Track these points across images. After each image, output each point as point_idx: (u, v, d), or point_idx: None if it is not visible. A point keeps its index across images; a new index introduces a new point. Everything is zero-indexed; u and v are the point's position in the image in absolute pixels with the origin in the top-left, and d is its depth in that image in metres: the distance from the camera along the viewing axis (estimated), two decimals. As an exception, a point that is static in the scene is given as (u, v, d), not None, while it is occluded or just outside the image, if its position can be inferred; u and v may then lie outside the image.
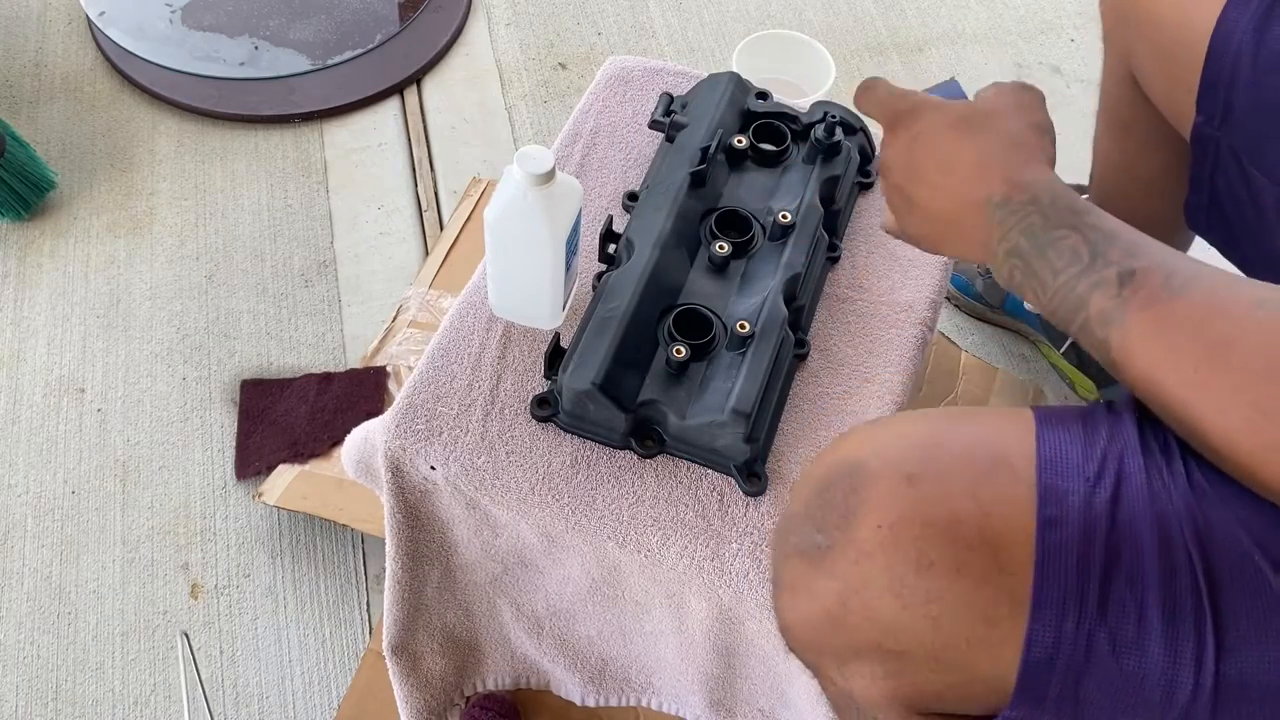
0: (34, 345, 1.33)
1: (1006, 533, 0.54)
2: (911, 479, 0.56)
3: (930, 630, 0.55)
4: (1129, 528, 0.54)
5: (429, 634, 0.97)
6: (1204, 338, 0.53)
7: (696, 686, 0.91)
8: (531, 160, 0.76)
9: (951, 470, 0.56)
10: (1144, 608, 0.53)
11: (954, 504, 0.55)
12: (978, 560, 0.54)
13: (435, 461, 0.82)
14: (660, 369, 0.83)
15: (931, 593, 0.55)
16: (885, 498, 0.56)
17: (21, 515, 1.21)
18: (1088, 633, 0.53)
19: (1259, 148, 0.82)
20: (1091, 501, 0.54)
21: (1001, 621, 0.54)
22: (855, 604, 0.57)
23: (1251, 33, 0.80)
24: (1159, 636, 0.53)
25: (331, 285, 1.40)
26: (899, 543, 0.55)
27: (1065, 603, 0.53)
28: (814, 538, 0.59)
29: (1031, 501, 0.54)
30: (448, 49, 1.66)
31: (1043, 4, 1.78)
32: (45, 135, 1.52)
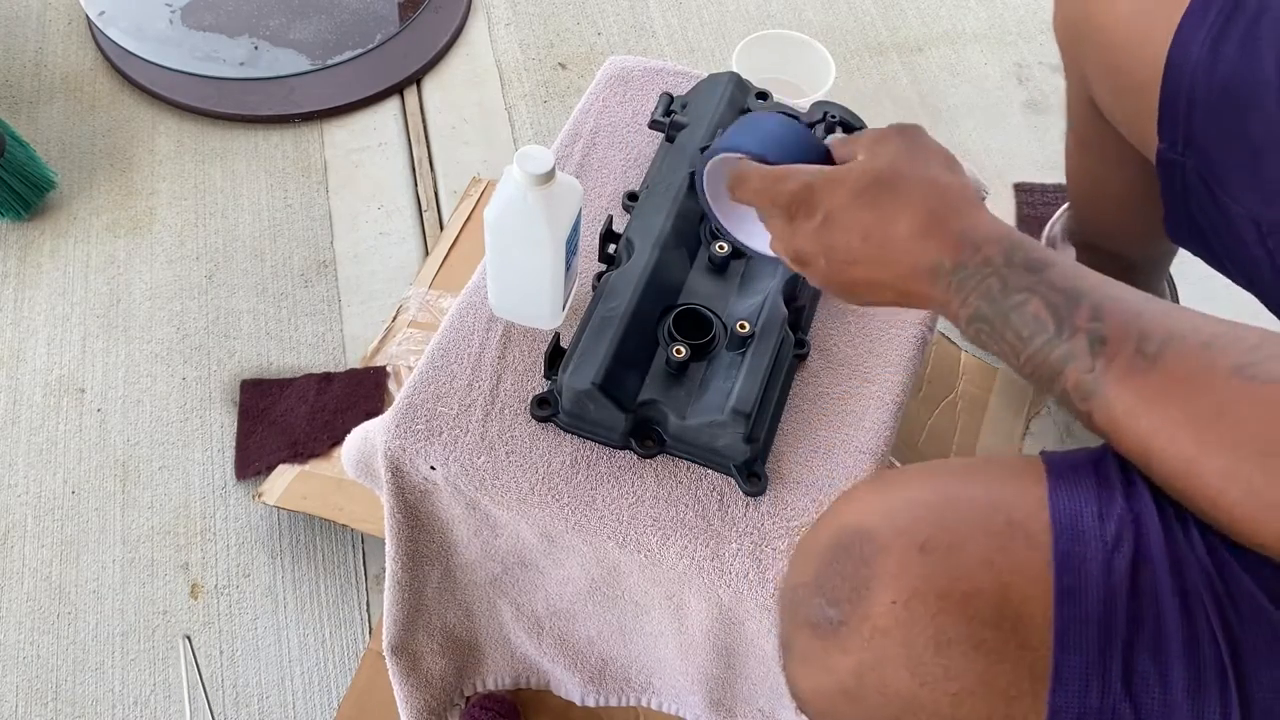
0: (34, 345, 1.33)
1: (1025, 605, 0.53)
2: (924, 549, 0.55)
3: (950, 708, 0.54)
4: (1151, 595, 0.52)
5: (429, 634, 0.97)
6: (1190, 412, 0.52)
7: (696, 686, 0.91)
8: (531, 160, 0.76)
9: (965, 539, 0.55)
10: (1168, 680, 0.51)
11: (970, 576, 0.53)
12: (997, 636, 0.53)
13: (435, 461, 0.82)
14: (660, 369, 0.83)
15: (950, 671, 0.53)
16: (898, 570, 0.55)
17: (21, 515, 1.21)
18: (1112, 707, 0.52)
19: (1222, 173, 0.80)
20: (1111, 568, 0.53)
21: (1023, 697, 0.53)
22: (872, 680, 0.56)
23: (1206, 53, 0.78)
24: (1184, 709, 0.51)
25: (331, 285, 1.40)
26: (915, 619, 0.54)
27: (1088, 676, 0.52)
28: (825, 611, 0.58)
29: (1048, 570, 0.53)
30: (448, 49, 1.66)
31: (1043, 4, 1.78)
32: (45, 135, 1.52)
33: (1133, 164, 0.95)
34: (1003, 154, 1.58)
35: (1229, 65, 0.77)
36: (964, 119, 1.62)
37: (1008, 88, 1.66)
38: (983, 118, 1.62)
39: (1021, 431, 1.29)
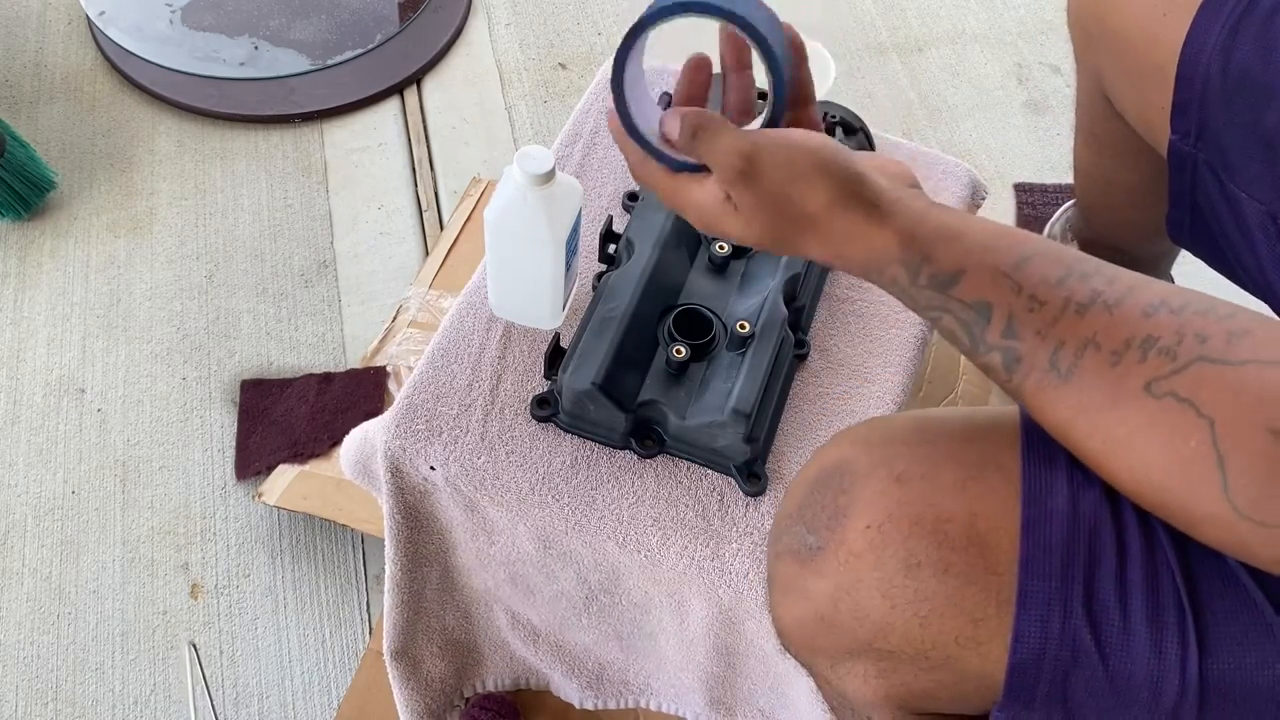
0: (34, 345, 1.33)
1: (993, 532, 0.54)
2: (900, 478, 0.57)
3: (919, 629, 0.56)
4: (1114, 528, 0.54)
5: (429, 637, 0.97)
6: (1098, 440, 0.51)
7: (696, 686, 0.91)
8: (531, 160, 0.76)
9: (939, 469, 0.56)
10: (1128, 608, 0.53)
11: (941, 503, 0.55)
12: (965, 560, 0.55)
13: (435, 462, 0.82)
14: (660, 369, 0.83)
15: (920, 593, 0.55)
16: (874, 498, 0.57)
17: (21, 515, 1.21)
18: (1073, 631, 0.53)
19: (1235, 164, 0.81)
20: (1077, 504, 0.55)
21: (989, 620, 0.55)
22: (846, 604, 0.58)
23: (1220, 47, 0.79)
24: (1144, 636, 0.53)
25: (331, 285, 1.40)
26: (887, 543, 0.56)
27: (1050, 602, 0.53)
28: (805, 538, 0.60)
29: (1018, 501, 0.55)
30: (448, 49, 1.66)
31: (1043, 4, 1.78)
32: (45, 135, 1.52)
33: (1142, 158, 0.96)
34: (1003, 154, 1.57)
35: (1244, 59, 0.78)
36: (964, 119, 1.62)
37: (1008, 88, 1.66)
38: (983, 118, 1.62)
39: (1021, 431, 1.29)
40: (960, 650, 0.56)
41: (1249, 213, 0.81)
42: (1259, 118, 0.78)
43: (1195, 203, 0.87)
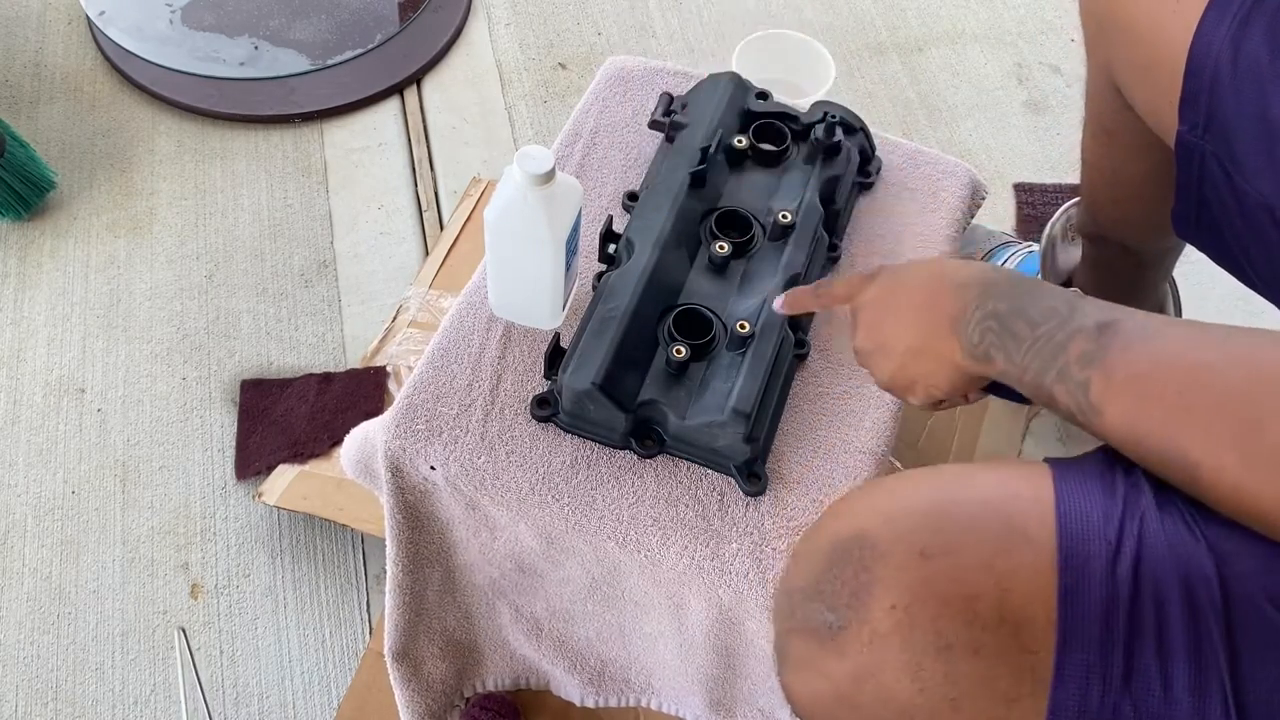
0: (34, 345, 1.33)
1: (1026, 608, 0.52)
2: (924, 554, 0.54)
3: (949, 713, 0.54)
4: (1154, 595, 0.52)
5: (430, 638, 0.97)
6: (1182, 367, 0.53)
7: (696, 687, 0.91)
8: (531, 160, 0.76)
9: (966, 543, 0.54)
10: (1169, 677, 0.51)
11: (970, 580, 0.53)
12: (997, 640, 0.52)
13: (435, 461, 0.82)
14: (660, 369, 0.83)
15: (950, 676, 0.53)
16: (898, 575, 0.54)
17: (21, 515, 1.21)
18: (1113, 705, 0.51)
19: (1242, 157, 0.81)
20: (1115, 568, 0.53)
21: (1023, 700, 0.52)
22: (870, 687, 0.55)
23: (1229, 41, 0.80)
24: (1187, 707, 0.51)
25: (331, 285, 1.40)
26: (915, 624, 0.53)
27: (1089, 675, 0.52)
28: (823, 616, 0.57)
29: (1051, 572, 0.53)
30: (448, 49, 1.66)
31: (1043, 4, 1.78)
32: (45, 135, 1.52)
33: (1151, 151, 0.96)
34: (1003, 154, 1.57)
35: (1253, 51, 0.79)
36: (964, 119, 1.62)
37: (1008, 88, 1.66)
38: (983, 118, 1.62)
39: (1021, 432, 1.29)
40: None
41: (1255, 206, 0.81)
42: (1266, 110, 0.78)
43: (1202, 196, 0.88)
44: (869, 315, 0.71)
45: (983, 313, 0.63)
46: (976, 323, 0.63)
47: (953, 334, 0.64)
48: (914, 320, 0.67)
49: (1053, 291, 0.61)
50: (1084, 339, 0.57)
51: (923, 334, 0.66)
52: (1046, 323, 0.59)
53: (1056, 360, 0.58)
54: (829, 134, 0.94)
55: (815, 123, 0.95)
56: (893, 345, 0.69)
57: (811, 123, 0.96)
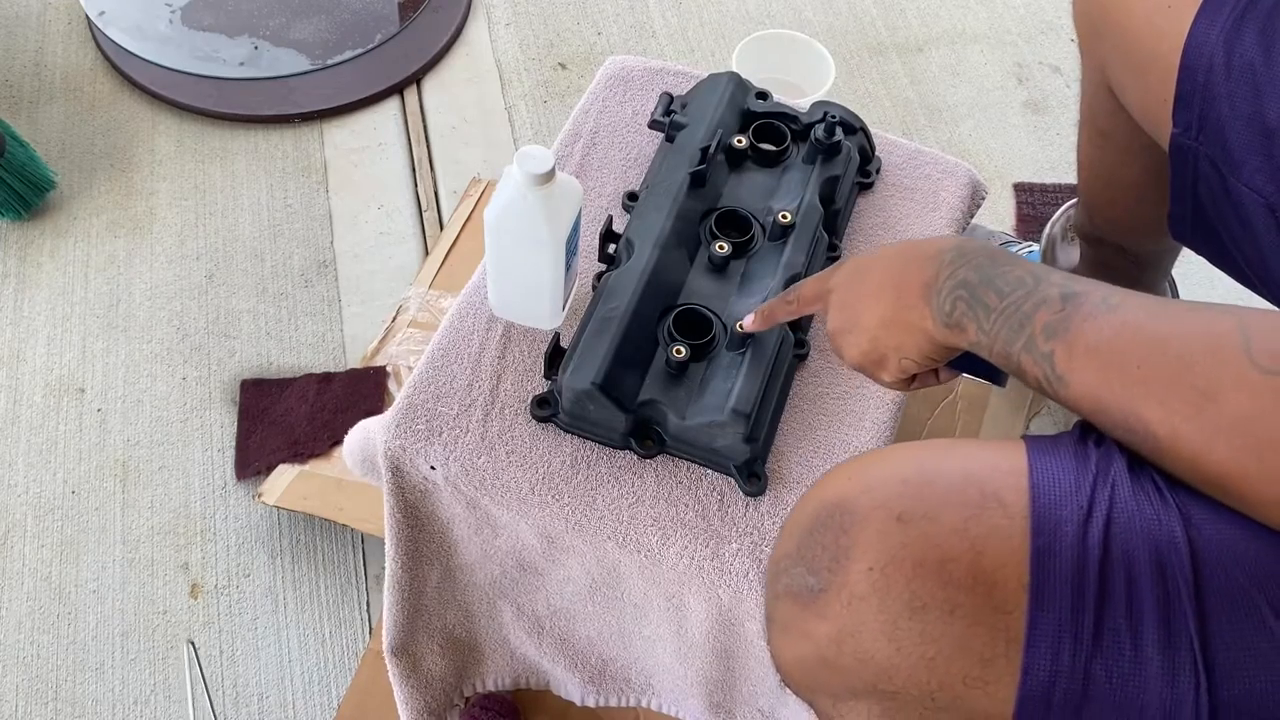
0: (34, 345, 1.33)
1: (999, 570, 0.54)
2: (901, 519, 0.56)
3: (925, 672, 0.55)
4: (1124, 558, 0.53)
5: (429, 635, 0.97)
6: (1142, 339, 0.54)
7: (696, 688, 0.91)
8: (531, 160, 0.76)
9: (941, 508, 0.56)
10: (1140, 638, 0.52)
11: (945, 543, 0.55)
12: (971, 600, 0.54)
13: (435, 461, 0.82)
14: (660, 369, 0.83)
15: (926, 635, 0.54)
16: (875, 539, 0.56)
17: (21, 515, 1.21)
18: (1084, 664, 0.52)
19: (1236, 158, 0.82)
20: (1086, 532, 0.54)
21: (997, 660, 0.54)
22: (849, 646, 0.57)
23: (1222, 43, 0.80)
24: (1156, 667, 0.52)
25: (331, 285, 1.40)
26: (891, 585, 0.55)
27: (1060, 635, 0.53)
28: (805, 579, 0.59)
29: (1024, 536, 0.54)
30: (448, 49, 1.66)
31: (1043, 4, 1.78)
32: (45, 135, 1.52)
33: (1146, 153, 0.96)
34: (1003, 154, 1.58)
35: (1247, 52, 0.79)
36: (964, 119, 1.62)
37: (1008, 88, 1.66)
38: (983, 118, 1.62)
39: (1021, 431, 1.29)
40: (968, 691, 0.55)
41: (1250, 206, 0.81)
42: (1260, 111, 0.78)
43: (1197, 197, 0.88)
44: (840, 297, 0.72)
45: (954, 281, 0.63)
46: (948, 291, 0.64)
47: (925, 302, 0.65)
48: (886, 292, 0.68)
49: (1022, 262, 0.62)
50: (1049, 310, 0.58)
51: (894, 305, 0.67)
52: (1014, 293, 0.60)
53: (1023, 331, 0.59)
54: (829, 134, 0.94)
55: (815, 123, 0.95)
56: (864, 320, 0.69)
57: (811, 123, 0.96)
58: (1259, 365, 0.50)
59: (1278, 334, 0.50)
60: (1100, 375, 0.56)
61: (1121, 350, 0.55)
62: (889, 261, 0.69)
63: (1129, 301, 0.56)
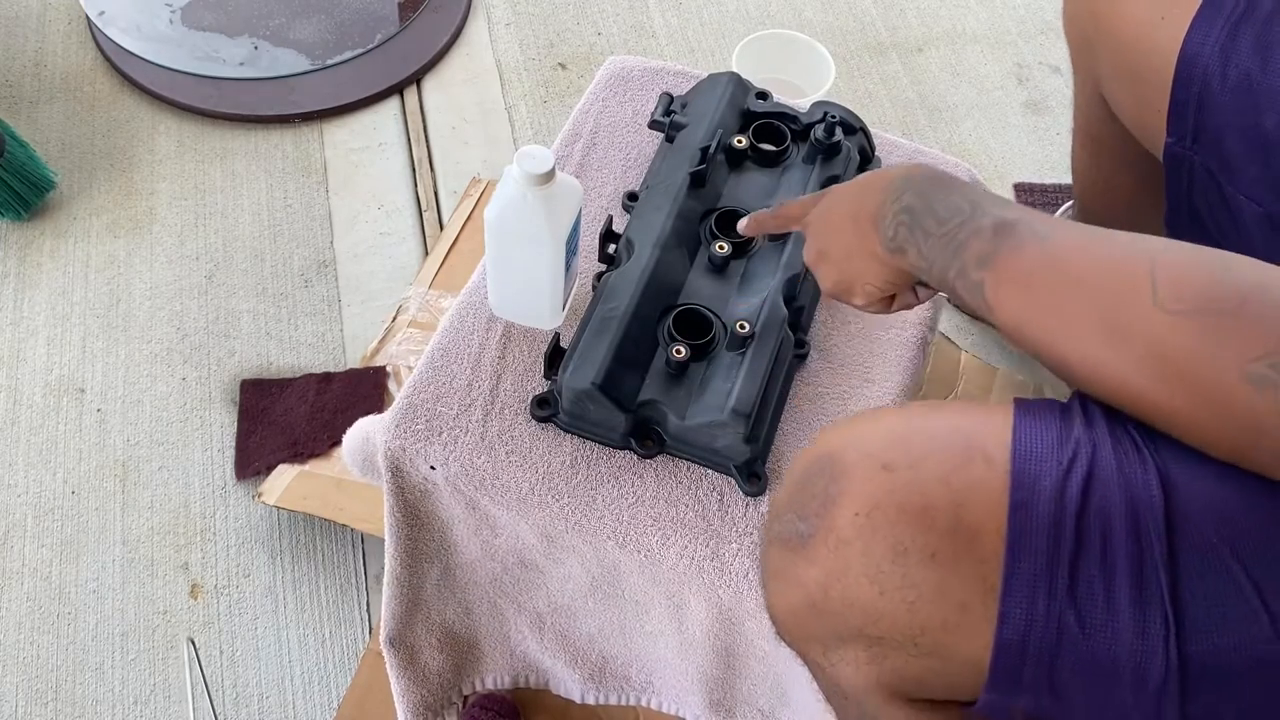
0: (34, 345, 1.33)
1: (979, 519, 0.56)
2: (887, 467, 0.58)
3: (907, 615, 0.57)
4: (1100, 512, 0.55)
5: (427, 628, 0.97)
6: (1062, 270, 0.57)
7: (696, 687, 0.91)
8: (531, 160, 0.76)
9: (926, 458, 0.58)
10: (1112, 589, 0.54)
11: (928, 492, 0.57)
12: (951, 546, 0.56)
13: (435, 461, 0.82)
14: (660, 369, 0.83)
15: (907, 579, 0.56)
16: (862, 486, 0.58)
17: (21, 515, 1.21)
18: (1058, 614, 0.54)
19: (1233, 166, 0.82)
20: (1064, 487, 0.56)
21: (975, 606, 0.56)
22: (835, 590, 0.59)
23: (1218, 51, 0.80)
24: (1128, 618, 0.54)
25: (331, 285, 1.40)
26: (875, 530, 0.57)
27: (1036, 584, 0.55)
28: (796, 526, 0.61)
29: (1004, 488, 0.56)
30: (448, 49, 1.66)
31: (1043, 4, 1.78)
32: (45, 135, 1.52)
33: (1140, 162, 0.96)
34: (1003, 154, 1.58)
35: (1242, 64, 0.79)
36: (964, 119, 1.62)
37: (1008, 88, 1.66)
38: (983, 118, 1.62)
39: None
40: (948, 636, 0.57)
41: (1247, 215, 0.81)
42: (1258, 120, 0.78)
43: (1193, 206, 0.88)
44: (815, 228, 0.75)
45: (898, 207, 0.66)
46: (892, 217, 0.67)
47: (875, 230, 0.68)
48: (846, 223, 0.71)
49: (964, 188, 0.64)
50: (981, 239, 0.60)
51: (853, 235, 0.70)
52: (951, 220, 0.62)
53: (958, 258, 0.62)
54: (829, 134, 0.94)
55: (815, 123, 0.95)
56: (833, 251, 0.73)
57: (811, 123, 0.96)
58: (1164, 306, 0.52)
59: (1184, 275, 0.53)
60: (1023, 307, 0.58)
61: (1042, 284, 0.57)
62: (850, 193, 0.72)
63: (1056, 234, 0.58)
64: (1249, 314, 0.51)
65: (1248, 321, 0.51)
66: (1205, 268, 0.53)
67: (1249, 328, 0.51)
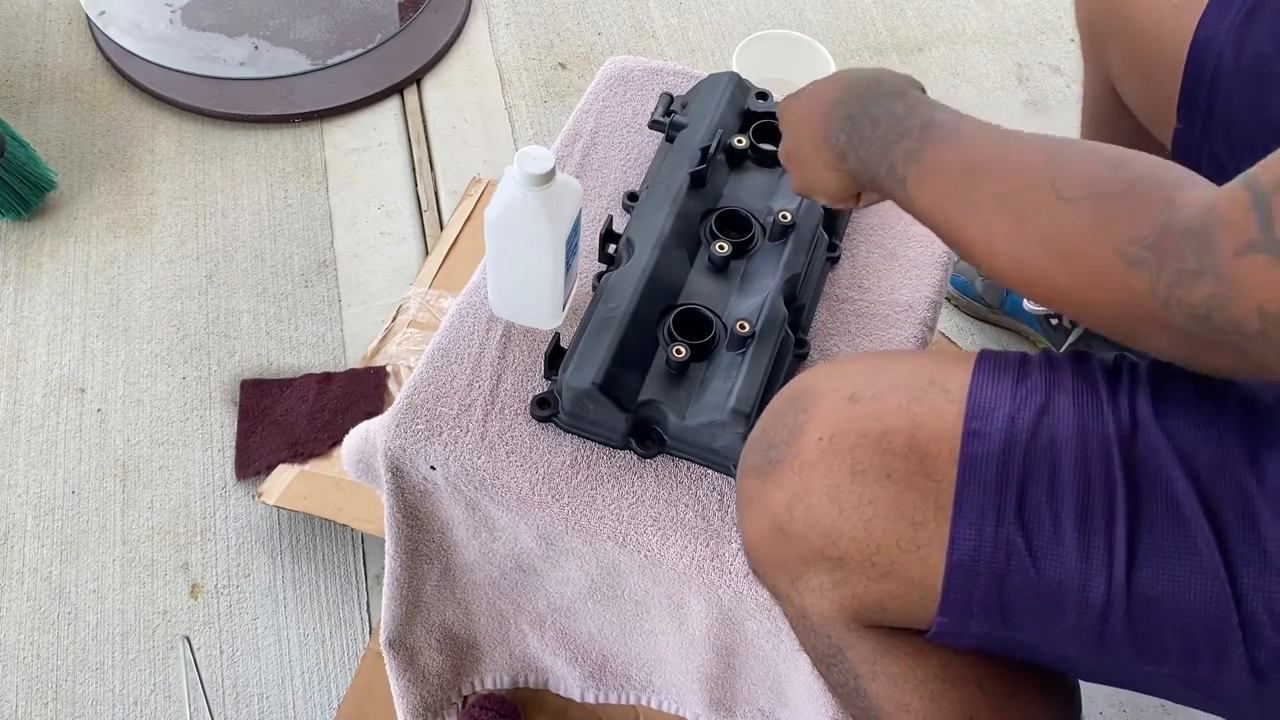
0: (34, 345, 1.33)
1: (934, 443, 0.59)
2: (853, 398, 0.62)
3: (864, 533, 0.60)
4: (1049, 443, 0.58)
5: (427, 630, 0.97)
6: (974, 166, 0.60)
7: (696, 686, 0.91)
8: (532, 160, 0.76)
9: (889, 391, 0.62)
10: (1059, 515, 0.57)
11: (887, 419, 0.61)
12: (906, 467, 0.59)
13: (435, 461, 0.82)
14: (660, 369, 0.83)
15: (864, 497, 0.60)
16: (827, 414, 0.62)
17: (21, 515, 1.21)
18: (1006, 537, 0.57)
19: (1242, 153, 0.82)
20: (1015, 418, 0.59)
21: (927, 524, 0.59)
22: (799, 511, 0.62)
23: (1232, 39, 0.81)
24: (1073, 542, 0.57)
25: (331, 285, 1.40)
26: (836, 452, 0.61)
27: (985, 508, 0.58)
28: (767, 454, 0.65)
29: (960, 417, 0.60)
30: (448, 49, 1.66)
31: (1043, 4, 1.78)
32: (45, 135, 1.52)
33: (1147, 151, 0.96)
34: (1003, 154, 1.57)
35: (1255, 51, 0.79)
36: (964, 119, 1.61)
37: (1008, 88, 1.66)
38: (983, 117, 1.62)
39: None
40: (903, 555, 0.60)
41: None
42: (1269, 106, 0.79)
43: None
44: (785, 130, 0.78)
45: (840, 114, 0.70)
46: (837, 123, 0.70)
47: (825, 141, 0.71)
48: (803, 133, 0.74)
49: (903, 96, 0.67)
50: (909, 139, 0.64)
51: (808, 143, 0.74)
52: (885, 123, 0.66)
53: (888, 156, 0.65)
54: (829, 134, 0.94)
55: (815, 123, 0.95)
56: (795, 155, 0.76)
57: (811, 123, 0.96)
58: (1060, 195, 0.55)
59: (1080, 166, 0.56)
60: (938, 196, 0.62)
61: (956, 177, 0.61)
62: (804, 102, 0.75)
63: (976, 131, 0.62)
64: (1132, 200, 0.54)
65: (1129, 206, 0.53)
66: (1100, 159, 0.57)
67: (1130, 212, 0.53)
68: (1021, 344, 1.38)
